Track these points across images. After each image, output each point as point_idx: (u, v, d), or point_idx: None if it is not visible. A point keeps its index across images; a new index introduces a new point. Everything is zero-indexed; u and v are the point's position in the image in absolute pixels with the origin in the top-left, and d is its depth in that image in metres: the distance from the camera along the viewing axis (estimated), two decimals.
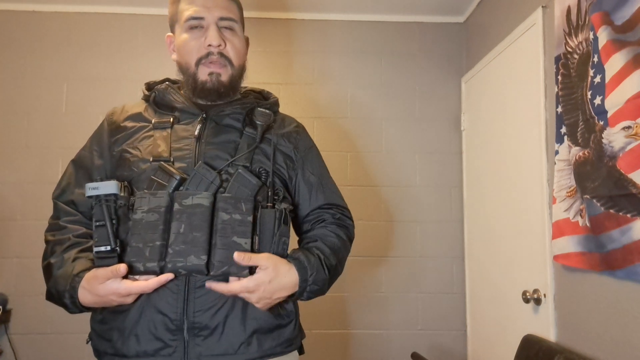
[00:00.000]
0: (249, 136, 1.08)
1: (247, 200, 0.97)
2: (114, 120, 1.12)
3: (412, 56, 2.69)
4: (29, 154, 2.49)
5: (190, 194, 0.95)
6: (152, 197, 0.94)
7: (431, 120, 2.66)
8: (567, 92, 1.58)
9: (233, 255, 0.92)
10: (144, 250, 0.91)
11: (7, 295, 2.40)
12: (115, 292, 0.90)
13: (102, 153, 1.10)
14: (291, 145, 1.15)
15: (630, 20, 1.28)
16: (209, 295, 0.96)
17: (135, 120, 1.11)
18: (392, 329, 2.53)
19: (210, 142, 1.06)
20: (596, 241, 1.40)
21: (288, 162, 1.13)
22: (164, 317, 0.94)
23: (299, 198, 1.15)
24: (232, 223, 0.94)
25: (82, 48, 2.59)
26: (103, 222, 0.91)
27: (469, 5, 2.58)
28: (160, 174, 0.98)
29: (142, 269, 0.91)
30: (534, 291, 1.78)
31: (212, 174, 0.98)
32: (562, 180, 1.60)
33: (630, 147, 1.26)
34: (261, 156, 1.07)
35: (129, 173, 1.02)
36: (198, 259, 0.91)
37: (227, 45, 1.08)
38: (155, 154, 1.02)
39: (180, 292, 0.95)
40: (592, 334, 1.47)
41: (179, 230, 0.92)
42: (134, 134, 1.08)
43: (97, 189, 0.92)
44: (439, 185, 2.62)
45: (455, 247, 2.59)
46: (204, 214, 0.94)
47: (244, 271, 0.94)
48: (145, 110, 1.13)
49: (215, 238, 0.93)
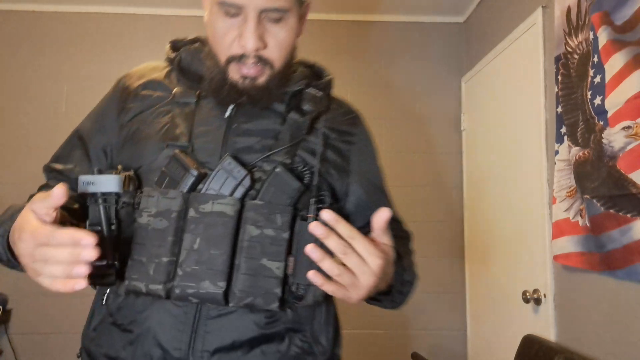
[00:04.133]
0: (294, 124, 0.83)
1: (283, 210, 0.73)
2: (127, 85, 0.89)
3: (412, 56, 2.69)
4: (29, 154, 2.49)
5: (210, 198, 0.72)
6: (162, 197, 0.73)
7: (431, 120, 2.65)
8: (567, 92, 1.58)
9: (261, 282, 0.71)
10: (148, 267, 0.71)
11: (7, 295, 2.41)
12: (29, 230, 0.60)
13: (106, 126, 0.88)
14: (346, 139, 0.91)
15: (630, 20, 1.28)
16: (226, 329, 0.74)
17: (152, 88, 0.87)
18: (392, 329, 2.53)
19: (244, 127, 0.82)
20: (596, 241, 1.40)
21: (339, 162, 0.88)
22: (163, 354, 0.73)
23: (351, 207, 0.90)
24: (263, 240, 0.72)
25: (82, 48, 2.59)
26: (99, 228, 0.69)
27: (469, 5, 2.58)
28: (174, 166, 0.75)
29: (144, 290, 0.71)
30: (534, 291, 1.78)
31: (240, 172, 0.74)
32: (562, 180, 1.60)
33: (630, 147, 1.26)
34: (306, 152, 0.83)
35: (137, 159, 0.80)
36: (214, 285, 0.69)
37: (270, 44, 0.79)
38: (171, 137, 0.79)
39: (188, 322, 0.74)
40: (592, 334, 1.47)
41: (193, 246, 0.71)
42: (150, 106, 0.85)
43: (94, 184, 0.69)
44: (439, 185, 2.62)
45: (455, 247, 2.59)
46: (226, 226, 0.71)
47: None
48: (167, 76, 0.89)
49: (238, 259, 0.71)
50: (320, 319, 0.82)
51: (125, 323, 0.76)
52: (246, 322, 0.75)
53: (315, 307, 0.81)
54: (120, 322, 0.77)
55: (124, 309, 0.77)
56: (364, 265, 0.62)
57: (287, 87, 0.86)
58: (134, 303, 0.76)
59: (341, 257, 0.62)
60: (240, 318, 0.74)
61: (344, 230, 0.62)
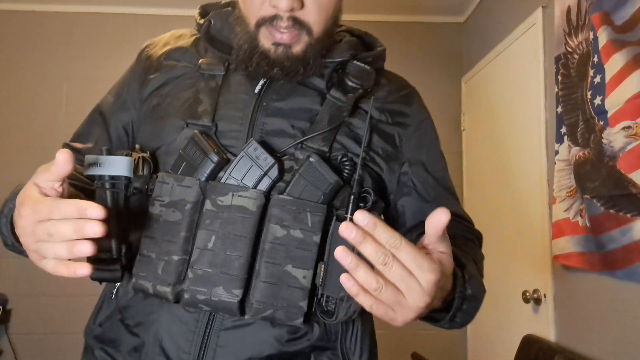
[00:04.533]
0: (335, 104, 0.70)
1: (315, 208, 0.62)
2: (151, 54, 0.79)
3: (412, 56, 2.69)
4: (29, 154, 2.49)
5: (230, 189, 0.62)
6: (177, 185, 0.63)
7: None
8: (567, 92, 1.58)
9: (283, 292, 0.60)
10: (157, 265, 0.62)
11: (7, 295, 2.41)
12: (30, 204, 0.51)
13: (128, 101, 0.79)
14: (398, 121, 0.76)
15: (630, 20, 1.28)
16: (241, 343, 0.63)
17: (176, 58, 0.76)
18: (392, 329, 2.52)
19: (275, 106, 0.70)
20: (596, 241, 1.40)
21: (389, 150, 0.74)
22: None
23: (405, 202, 0.77)
24: (288, 243, 0.61)
25: (82, 48, 2.59)
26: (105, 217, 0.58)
27: (469, 5, 2.58)
28: (192, 149, 0.64)
29: (151, 290, 0.62)
30: (534, 291, 1.78)
31: (267, 160, 0.63)
32: (562, 180, 1.60)
33: (630, 147, 1.26)
34: (348, 137, 0.70)
35: (156, 138, 0.70)
36: (228, 293, 0.60)
37: (307, 4, 0.67)
38: (193, 115, 0.68)
39: (199, 332, 0.64)
40: (592, 334, 1.47)
41: (207, 245, 0.61)
42: (173, 78, 0.74)
43: (101, 165, 0.59)
44: None
45: None
46: (246, 223, 0.61)
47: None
48: (194, 45, 0.77)
49: (259, 263, 0.61)
50: (354, 336, 0.70)
51: (132, 324, 0.68)
52: (265, 336, 0.63)
53: (349, 321, 0.69)
54: (128, 321, 0.68)
55: (133, 308, 0.68)
56: (411, 280, 0.48)
57: (328, 58, 0.73)
58: (143, 303, 0.67)
59: (381, 268, 0.47)
60: (258, 332, 0.63)
61: (385, 236, 0.47)
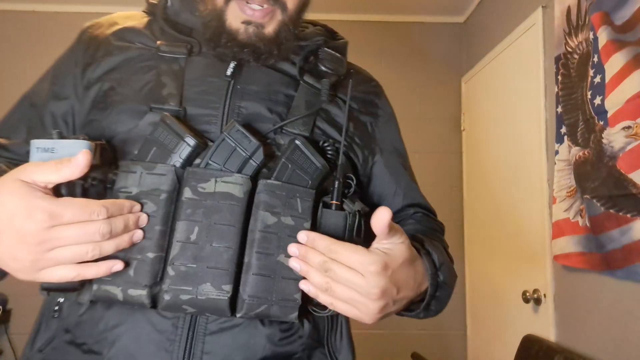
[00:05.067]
0: (309, 90, 0.68)
1: (305, 193, 0.59)
2: (96, 35, 0.70)
3: (412, 56, 2.69)
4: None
5: (212, 175, 0.56)
6: (147, 173, 0.56)
7: (431, 120, 2.65)
8: (567, 92, 1.59)
9: (277, 285, 0.56)
10: (127, 267, 0.54)
11: (7, 295, 2.41)
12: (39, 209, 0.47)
13: (67, 88, 0.68)
14: (370, 111, 0.76)
15: (630, 20, 1.28)
16: (230, 348, 0.57)
17: (129, 39, 0.68)
18: (392, 329, 2.53)
19: (252, 89, 0.65)
20: (596, 241, 1.40)
21: (364, 137, 0.73)
22: None
23: (377, 191, 0.77)
24: (280, 231, 0.56)
25: None
26: None
27: (469, 5, 2.58)
28: (163, 133, 0.57)
29: (121, 297, 0.53)
30: (534, 291, 1.78)
31: (252, 143, 0.57)
32: (562, 180, 1.60)
33: (630, 147, 1.26)
34: (326, 123, 0.68)
35: (110, 126, 0.62)
36: (218, 290, 0.54)
37: None
38: (157, 99, 0.62)
39: (180, 340, 0.56)
40: (592, 334, 1.47)
41: (189, 237, 0.54)
42: (127, 60, 0.66)
43: (54, 151, 0.51)
44: (439, 185, 2.62)
45: (455, 247, 2.59)
46: (234, 211, 0.56)
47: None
48: (147, 26, 0.70)
49: (249, 255, 0.55)
50: (339, 334, 0.68)
51: (90, 342, 0.57)
52: (257, 337, 0.58)
53: (334, 316, 0.67)
54: (80, 340, 0.57)
55: (87, 324, 0.57)
56: (356, 277, 0.51)
57: (300, 45, 0.71)
58: (102, 316, 0.57)
59: (325, 274, 0.52)
60: (249, 333, 0.58)
61: (322, 245, 0.53)
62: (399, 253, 0.54)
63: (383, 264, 0.52)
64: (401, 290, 0.55)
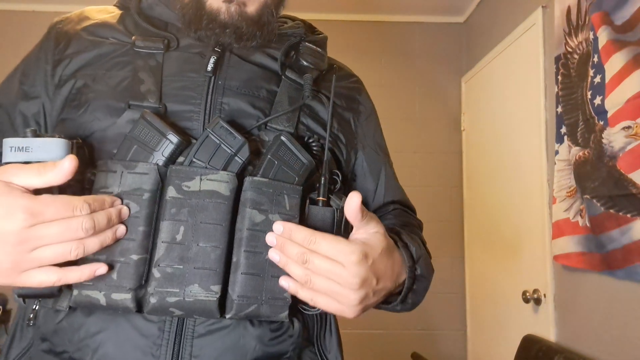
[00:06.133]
0: (292, 85, 0.67)
1: (292, 190, 0.58)
2: (66, 30, 0.67)
3: (412, 56, 2.69)
4: None
5: (197, 173, 0.55)
6: (128, 173, 0.54)
7: (431, 120, 2.66)
8: (567, 92, 1.59)
9: (267, 284, 0.55)
10: (110, 270, 0.52)
11: (7, 296, 2.40)
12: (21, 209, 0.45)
13: (37, 87, 0.65)
14: (352, 107, 0.76)
15: (630, 20, 1.28)
16: (219, 350, 0.55)
17: (102, 34, 0.66)
18: (392, 329, 2.53)
19: (233, 85, 0.64)
20: (596, 241, 1.40)
21: (348, 135, 0.73)
22: None
23: (359, 187, 0.76)
24: (268, 229, 0.55)
25: None
26: None
27: (469, 5, 2.58)
28: (144, 130, 0.55)
29: (104, 302, 0.51)
30: (534, 291, 1.78)
31: (237, 140, 0.56)
32: (562, 180, 1.60)
33: (630, 147, 1.26)
34: (310, 119, 0.67)
35: (84, 124, 0.60)
36: (206, 291, 0.52)
37: None
38: (135, 95, 0.60)
39: (167, 344, 0.54)
40: (592, 334, 1.47)
41: (175, 237, 0.53)
42: (101, 56, 0.64)
43: (29, 150, 0.49)
44: (439, 185, 2.62)
45: (455, 247, 2.59)
46: (220, 209, 0.55)
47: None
48: (120, 21, 0.68)
49: (237, 254, 0.54)
50: (328, 332, 0.68)
51: (70, 350, 0.54)
52: (247, 338, 0.56)
53: (323, 315, 0.67)
54: (60, 349, 0.55)
55: (65, 332, 0.55)
56: (335, 266, 0.51)
57: (280, 37, 0.70)
58: (83, 322, 0.54)
59: (303, 265, 0.52)
60: (238, 333, 0.56)
61: (300, 237, 0.52)
62: (377, 242, 0.55)
63: (364, 253, 0.52)
64: (380, 280, 0.55)
